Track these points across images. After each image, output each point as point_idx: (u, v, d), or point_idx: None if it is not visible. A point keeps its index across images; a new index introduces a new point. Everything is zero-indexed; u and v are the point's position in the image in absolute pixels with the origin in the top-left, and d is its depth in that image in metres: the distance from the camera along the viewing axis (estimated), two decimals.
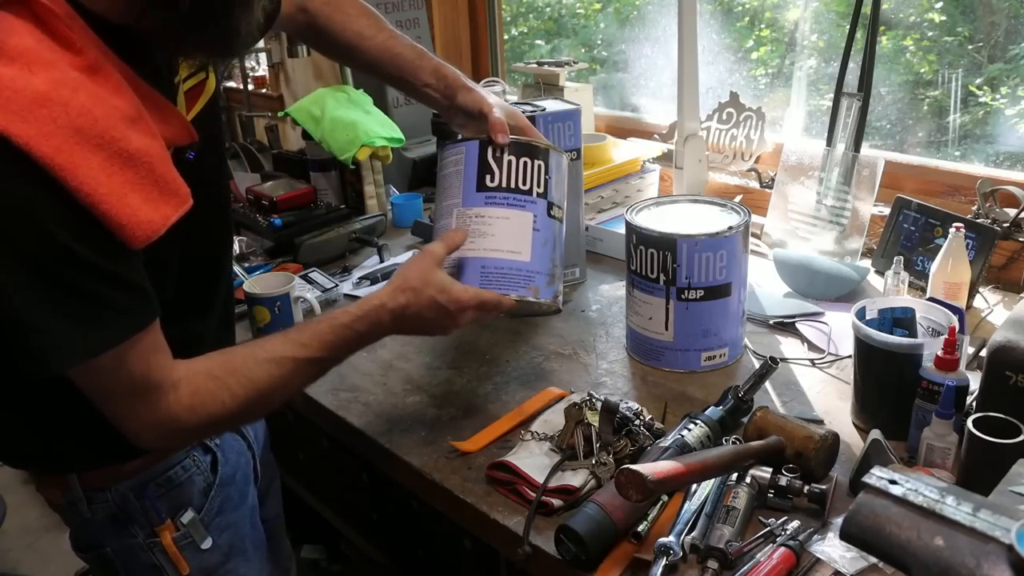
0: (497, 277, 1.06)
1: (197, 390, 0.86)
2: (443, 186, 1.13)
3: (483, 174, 1.09)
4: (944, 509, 0.66)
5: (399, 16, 2.14)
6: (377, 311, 0.98)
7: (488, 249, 1.07)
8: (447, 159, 1.13)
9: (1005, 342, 0.95)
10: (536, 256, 1.09)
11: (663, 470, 0.87)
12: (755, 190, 1.83)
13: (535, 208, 1.10)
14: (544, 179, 1.11)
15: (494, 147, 1.09)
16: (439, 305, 1.00)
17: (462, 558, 1.22)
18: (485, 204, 1.08)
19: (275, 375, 0.91)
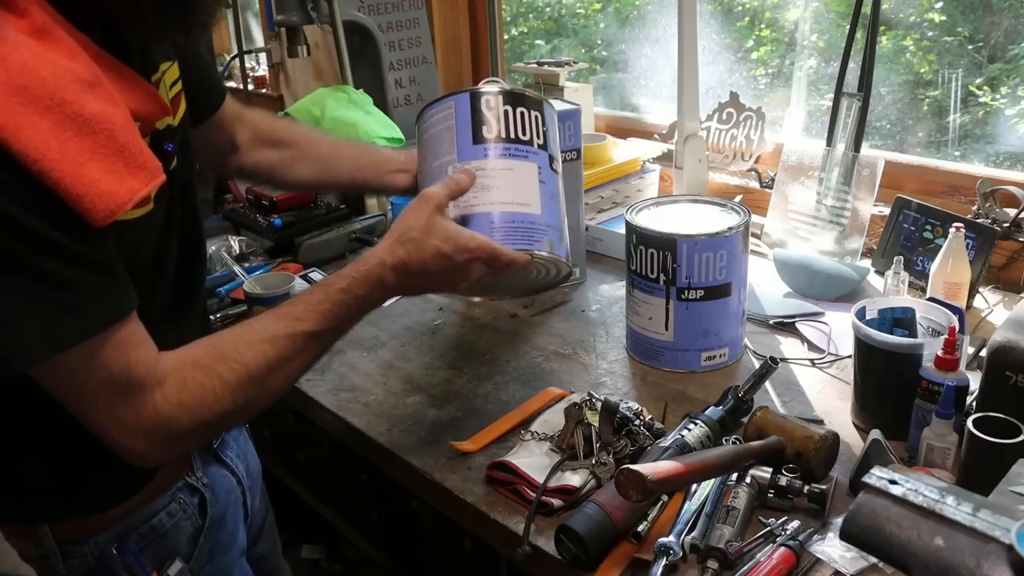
0: (509, 231, 0.97)
1: (185, 383, 0.77)
2: (430, 147, 1.04)
3: (479, 125, 1.01)
4: (944, 509, 0.65)
5: (399, 16, 2.14)
6: (376, 269, 0.89)
7: (495, 202, 0.97)
8: (433, 117, 1.05)
9: (1005, 342, 0.95)
10: (545, 208, 1.01)
11: (663, 470, 0.87)
12: (755, 190, 1.83)
13: (538, 159, 1.03)
14: (543, 130, 1.04)
15: (488, 96, 1.02)
16: (444, 255, 0.90)
17: (462, 558, 1.22)
18: (485, 156, 1.00)
19: (271, 356, 0.81)
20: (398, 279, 0.90)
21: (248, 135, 1.17)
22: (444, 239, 0.90)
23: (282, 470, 1.72)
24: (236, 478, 1.06)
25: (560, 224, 1.03)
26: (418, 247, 0.89)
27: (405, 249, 0.89)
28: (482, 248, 0.92)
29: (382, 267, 0.89)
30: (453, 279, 0.93)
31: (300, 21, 1.90)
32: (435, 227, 0.90)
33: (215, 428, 0.88)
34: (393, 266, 0.89)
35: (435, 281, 0.93)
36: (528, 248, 0.97)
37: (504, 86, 1.06)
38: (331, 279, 0.88)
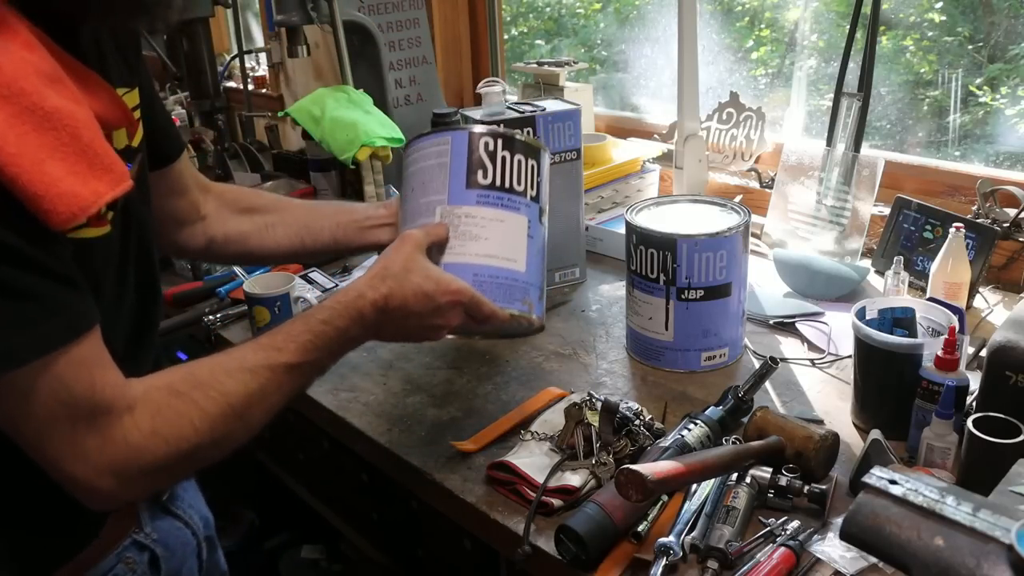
0: (491, 287, 0.93)
1: (159, 409, 0.70)
2: (419, 180, 0.99)
3: (474, 169, 0.96)
4: (944, 509, 0.66)
5: (399, 16, 2.13)
6: (357, 302, 0.85)
7: (481, 254, 0.94)
8: (425, 150, 1.00)
9: (1005, 342, 0.95)
10: (531, 266, 0.98)
11: (663, 470, 0.87)
12: (755, 190, 1.83)
13: (529, 212, 0.99)
14: (536, 181, 1.00)
15: (487, 139, 0.97)
16: (426, 294, 0.86)
17: (462, 558, 1.22)
18: (477, 203, 0.95)
19: (251, 386, 0.76)
20: (377, 316, 0.86)
21: (215, 204, 1.10)
22: (425, 277, 0.87)
23: (282, 470, 1.72)
24: (191, 530, 1.00)
25: (542, 281, 1.01)
26: (399, 283, 0.86)
27: (386, 285, 0.86)
28: (463, 292, 0.89)
29: (362, 300, 0.85)
30: (433, 322, 0.89)
31: (300, 21, 1.90)
32: (417, 265, 0.88)
33: (190, 463, 0.76)
34: (373, 301, 0.85)
35: (415, 323, 0.88)
36: (507, 307, 0.94)
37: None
38: (313, 310, 0.85)
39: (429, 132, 1.01)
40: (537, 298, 0.99)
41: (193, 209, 1.07)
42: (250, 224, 1.10)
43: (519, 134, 1.00)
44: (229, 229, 1.09)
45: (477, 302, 0.90)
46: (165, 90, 3.09)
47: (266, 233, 1.10)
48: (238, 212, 1.10)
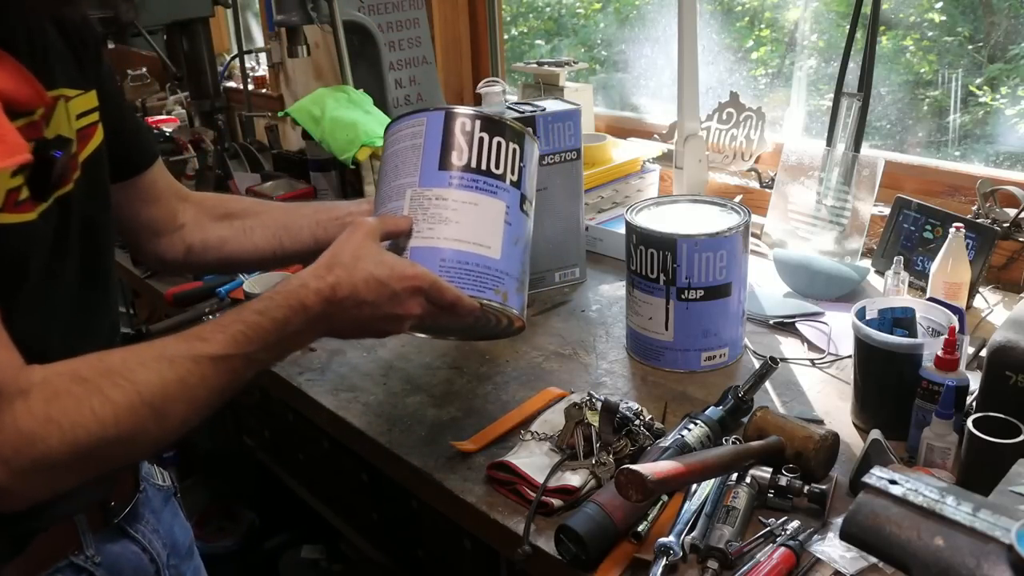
0: (459, 272, 0.88)
1: (56, 394, 0.64)
2: (392, 164, 0.95)
3: (448, 150, 0.91)
4: (944, 509, 0.65)
5: (399, 16, 2.14)
6: (299, 291, 0.78)
7: (449, 238, 0.89)
8: (401, 132, 0.96)
9: (1005, 342, 0.95)
10: (506, 254, 0.92)
11: (663, 470, 0.87)
12: (755, 190, 1.83)
13: (508, 197, 0.93)
14: (518, 166, 0.95)
15: (464, 119, 0.92)
16: (378, 281, 0.80)
17: (462, 558, 1.22)
18: (449, 185, 0.90)
19: (168, 378, 0.69)
20: (323, 306, 0.79)
21: (193, 212, 1.07)
22: (378, 263, 0.81)
23: (282, 470, 1.72)
24: (150, 555, 0.92)
25: (521, 273, 0.95)
26: (348, 271, 0.80)
27: (333, 273, 0.80)
28: (422, 277, 0.83)
29: (305, 290, 0.79)
30: (390, 311, 0.82)
31: (300, 21, 1.90)
32: (367, 252, 0.82)
33: (91, 459, 0.67)
34: (318, 290, 0.79)
35: (369, 313, 0.82)
36: (477, 295, 0.88)
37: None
38: (247, 302, 0.79)
39: (406, 114, 0.97)
40: (514, 290, 0.92)
41: (170, 218, 1.04)
42: (228, 229, 1.06)
43: (500, 116, 0.95)
44: (207, 236, 1.06)
45: (439, 288, 0.84)
46: (165, 90, 3.09)
47: (244, 237, 1.06)
48: (216, 218, 1.07)
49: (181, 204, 1.06)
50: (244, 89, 2.75)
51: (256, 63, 3.15)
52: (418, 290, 0.83)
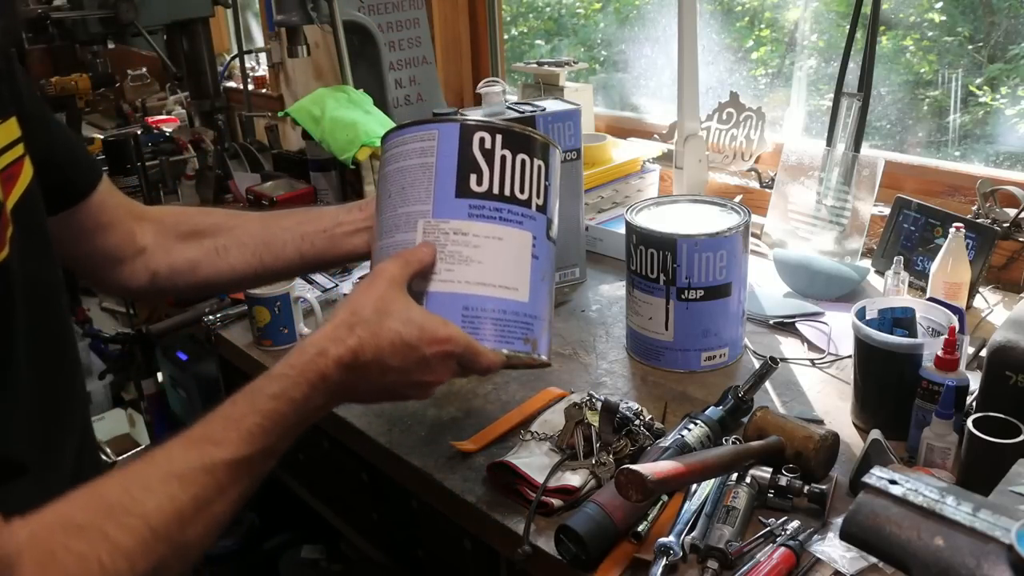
0: (485, 323, 0.77)
1: (53, 557, 0.52)
2: (398, 184, 0.82)
3: (467, 172, 0.79)
4: (944, 509, 0.65)
5: (399, 16, 2.14)
6: (317, 362, 0.68)
7: (472, 281, 0.78)
8: (407, 146, 0.82)
9: (1005, 342, 0.95)
10: (534, 294, 0.81)
11: (663, 470, 0.87)
12: (755, 190, 1.83)
13: (534, 226, 0.82)
14: (544, 186, 0.83)
15: (483, 134, 0.79)
16: (407, 345, 0.71)
17: (462, 558, 1.22)
18: (469, 216, 0.78)
19: (182, 501, 0.58)
20: (345, 375, 0.69)
21: (154, 232, 0.93)
22: (406, 321, 0.71)
23: (282, 470, 1.72)
24: None
25: (548, 312, 0.84)
26: (372, 331, 0.70)
27: (355, 335, 0.69)
28: (455, 341, 0.73)
29: (323, 358, 0.68)
30: (418, 379, 0.73)
31: (300, 21, 1.90)
32: (393, 307, 0.71)
33: None
34: (339, 358, 0.68)
35: (394, 380, 0.72)
36: (505, 348, 0.79)
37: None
38: (259, 382, 0.67)
39: (411, 123, 0.82)
40: (542, 332, 0.82)
41: (128, 243, 0.91)
42: (198, 250, 0.93)
43: (524, 128, 0.83)
44: (174, 259, 0.93)
45: (473, 352, 0.74)
46: (165, 90, 3.09)
47: (218, 258, 0.93)
48: (182, 238, 0.94)
49: (138, 224, 0.92)
50: (244, 89, 2.75)
51: (256, 63, 3.15)
52: (450, 355, 0.73)
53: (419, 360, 0.72)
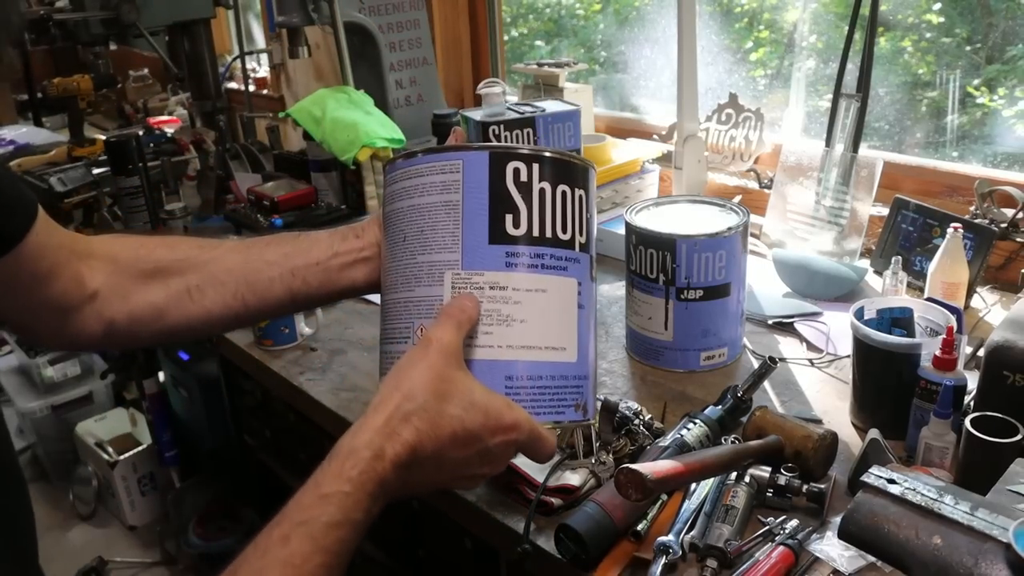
0: (532, 394, 0.66)
1: None
2: (415, 226, 0.68)
3: (501, 212, 0.66)
4: (942, 508, 0.66)
5: (399, 17, 2.14)
6: (374, 470, 0.57)
7: (515, 345, 0.66)
8: (424, 178, 0.69)
9: (1003, 342, 0.95)
10: (582, 350, 0.69)
11: (662, 469, 0.88)
12: (754, 190, 1.83)
13: (578, 270, 0.69)
14: (586, 219, 0.70)
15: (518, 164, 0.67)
16: (470, 435, 0.60)
17: (462, 557, 1.23)
18: (507, 267, 0.66)
19: None
20: (402, 475, 0.58)
21: (107, 272, 0.77)
22: (468, 407, 0.60)
23: (283, 470, 1.72)
24: None
25: (595, 366, 0.73)
26: (431, 422, 0.59)
27: (412, 427, 0.58)
28: (520, 428, 0.63)
29: (381, 463, 0.57)
30: (476, 471, 0.63)
31: (301, 22, 1.90)
32: (452, 387, 0.60)
33: None
34: (396, 458, 0.58)
35: (450, 473, 0.62)
36: (557, 420, 0.67)
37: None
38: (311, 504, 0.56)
39: (429, 151, 0.69)
40: (590, 392, 0.71)
41: (75, 288, 0.75)
42: (163, 292, 0.77)
43: (561, 153, 0.70)
44: (134, 305, 0.77)
45: (537, 439, 0.64)
46: (167, 91, 3.10)
47: (190, 301, 0.77)
48: (143, 278, 0.78)
49: (85, 264, 0.76)
50: (245, 90, 2.75)
51: (257, 64, 3.15)
52: (513, 444, 0.63)
53: (480, 452, 0.61)
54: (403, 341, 0.68)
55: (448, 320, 0.63)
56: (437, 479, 0.62)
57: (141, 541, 2.59)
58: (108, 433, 2.65)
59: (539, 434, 0.65)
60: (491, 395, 0.62)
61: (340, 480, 0.57)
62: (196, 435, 2.17)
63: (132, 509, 2.60)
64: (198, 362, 1.98)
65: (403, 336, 0.68)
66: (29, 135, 2.67)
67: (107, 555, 2.49)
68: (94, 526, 2.67)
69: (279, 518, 0.56)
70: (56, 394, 2.77)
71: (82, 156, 2.32)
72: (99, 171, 2.16)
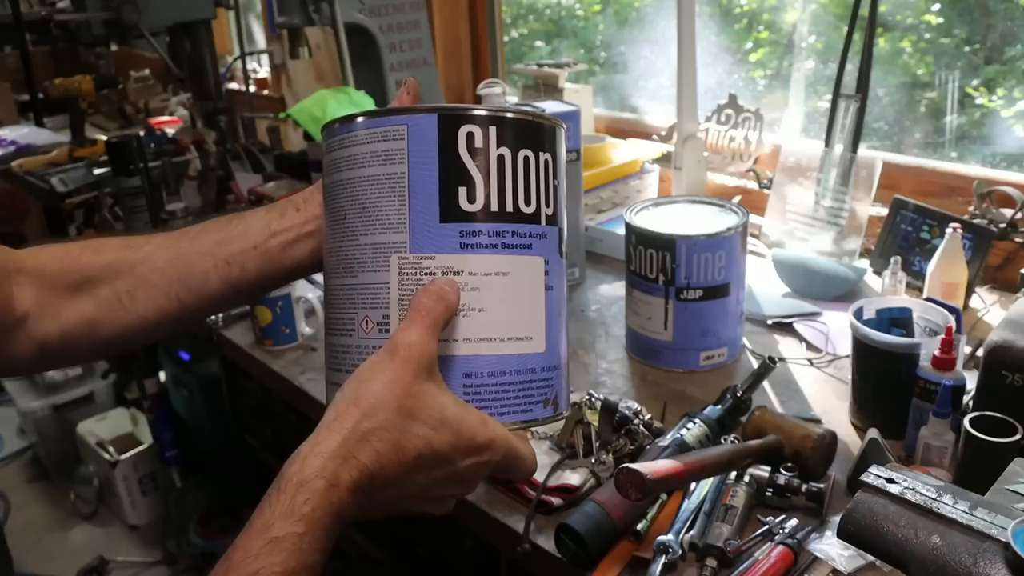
0: (494, 392, 0.58)
1: None
2: (356, 202, 0.60)
3: (453, 185, 0.57)
4: (941, 507, 0.66)
5: (400, 18, 2.14)
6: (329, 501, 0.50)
7: (474, 338, 0.58)
8: (363, 146, 0.59)
9: (1001, 342, 0.96)
10: (551, 338, 0.61)
11: (662, 469, 0.88)
12: (753, 191, 1.84)
13: (545, 247, 0.61)
14: (553, 187, 0.62)
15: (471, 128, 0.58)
16: (437, 457, 0.54)
17: (462, 557, 1.23)
18: (462, 248, 0.58)
19: None
20: (359, 501, 0.51)
21: (35, 289, 0.71)
22: (437, 425, 0.53)
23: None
24: None
25: (566, 355, 0.65)
26: (393, 443, 0.52)
27: (371, 449, 0.51)
28: (496, 447, 0.56)
29: (336, 491, 0.50)
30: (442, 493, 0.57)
31: (301, 23, 1.91)
32: (420, 403, 0.53)
33: None
34: (353, 484, 0.50)
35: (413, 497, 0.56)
36: (525, 419, 0.60)
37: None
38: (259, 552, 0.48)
39: (368, 113, 0.60)
40: (561, 384, 0.63)
41: (4, 312, 0.69)
42: (92, 303, 0.71)
43: (522, 112, 0.61)
44: (66, 321, 0.71)
45: (513, 457, 0.58)
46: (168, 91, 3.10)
47: (121, 309, 0.71)
48: (71, 291, 0.71)
49: (15, 283, 0.70)
50: (246, 90, 2.76)
51: (258, 65, 3.16)
52: (486, 464, 0.56)
53: (448, 475, 0.55)
54: (347, 334, 0.60)
55: (419, 320, 0.54)
56: (399, 504, 0.55)
57: (142, 540, 2.59)
58: (109, 433, 2.66)
59: (517, 453, 0.58)
60: (465, 410, 0.55)
61: (292, 520, 0.49)
62: (197, 435, 2.17)
63: (133, 509, 2.60)
64: (199, 362, 1.98)
65: (347, 328, 0.60)
66: (30, 136, 2.67)
67: (108, 554, 2.50)
68: (95, 525, 2.67)
69: (223, 568, 0.49)
70: (57, 394, 2.77)
71: (83, 157, 2.32)
72: (100, 171, 2.17)
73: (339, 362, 0.61)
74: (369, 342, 0.58)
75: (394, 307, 0.58)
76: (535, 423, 0.62)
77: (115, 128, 2.98)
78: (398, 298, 0.58)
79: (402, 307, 0.58)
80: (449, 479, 0.55)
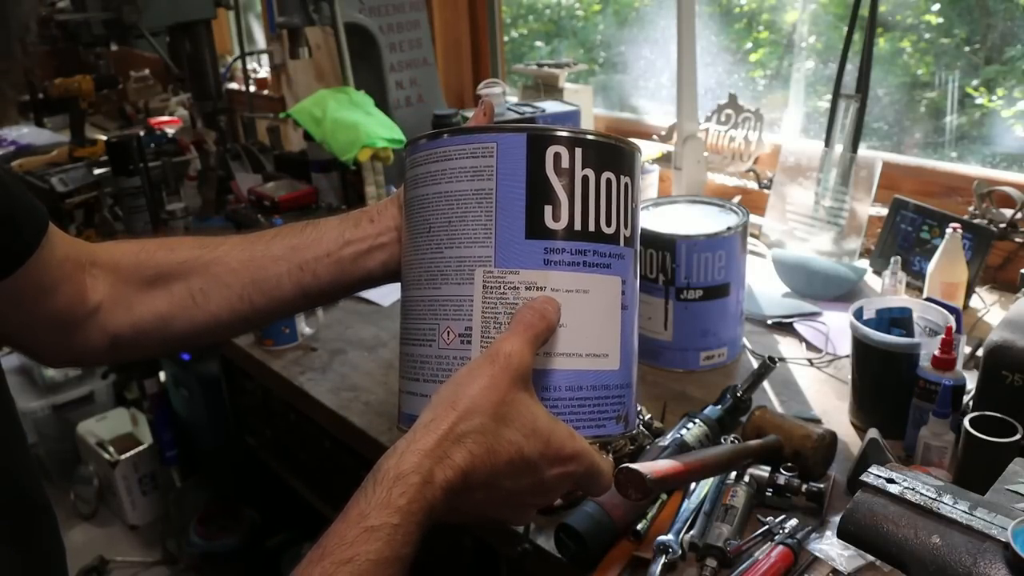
0: (571, 407, 0.60)
1: None
2: (441, 216, 0.61)
3: (540, 203, 0.59)
4: (941, 507, 0.66)
5: (399, 18, 2.14)
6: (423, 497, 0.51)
7: (554, 353, 0.59)
8: (452, 162, 0.61)
9: (1001, 342, 0.96)
10: (625, 356, 0.63)
11: (662, 469, 0.88)
12: (753, 191, 1.84)
13: (622, 267, 0.63)
14: (631, 210, 0.64)
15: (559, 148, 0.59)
16: (527, 464, 0.55)
17: (462, 556, 1.23)
18: (545, 264, 0.59)
19: None
20: (451, 501, 0.52)
21: (109, 282, 0.73)
22: (529, 433, 0.55)
23: (284, 469, 1.73)
24: None
25: (636, 373, 0.67)
26: (487, 447, 0.53)
27: (465, 450, 0.53)
28: (580, 459, 0.57)
29: (431, 488, 0.51)
30: (526, 502, 0.58)
31: (301, 23, 1.91)
32: (515, 410, 0.55)
33: None
34: (447, 483, 0.52)
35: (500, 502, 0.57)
36: (598, 434, 0.61)
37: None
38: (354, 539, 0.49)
39: (456, 131, 0.62)
40: (632, 402, 0.65)
41: (78, 303, 0.71)
42: (167, 300, 0.73)
43: (606, 136, 0.63)
44: (138, 316, 0.73)
45: (595, 474, 0.59)
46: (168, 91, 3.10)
47: (194, 307, 0.72)
48: (146, 286, 0.73)
49: (89, 276, 0.72)
50: (246, 90, 2.76)
51: (258, 65, 3.16)
52: (570, 476, 0.58)
53: (535, 483, 0.56)
54: (427, 344, 0.61)
55: (523, 332, 0.56)
56: (486, 508, 0.57)
57: (142, 540, 2.59)
58: (109, 433, 2.66)
59: (599, 468, 0.59)
60: (555, 423, 0.57)
61: (388, 510, 0.50)
62: (197, 435, 2.17)
63: (133, 508, 2.60)
64: (199, 362, 1.98)
65: (427, 339, 0.61)
66: (30, 136, 2.67)
67: (108, 554, 2.50)
68: (95, 525, 2.67)
69: (318, 554, 0.49)
70: (57, 394, 2.78)
71: (83, 156, 2.32)
72: (100, 171, 2.17)
73: (416, 371, 0.62)
74: (449, 352, 0.60)
75: (476, 319, 0.59)
76: (608, 438, 0.63)
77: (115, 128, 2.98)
78: (481, 310, 0.59)
79: (484, 319, 0.59)
80: (535, 488, 0.56)
